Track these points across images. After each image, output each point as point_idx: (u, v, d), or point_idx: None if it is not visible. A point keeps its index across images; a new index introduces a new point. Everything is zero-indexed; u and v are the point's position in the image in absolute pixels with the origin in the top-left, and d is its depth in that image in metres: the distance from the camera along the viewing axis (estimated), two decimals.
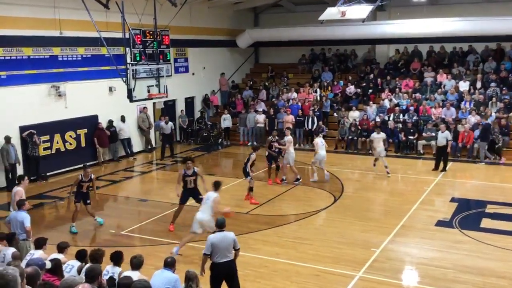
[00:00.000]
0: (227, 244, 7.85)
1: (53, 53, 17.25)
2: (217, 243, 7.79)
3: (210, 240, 7.84)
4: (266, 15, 28.06)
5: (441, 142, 17.19)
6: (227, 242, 7.84)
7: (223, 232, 7.93)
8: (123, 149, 20.05)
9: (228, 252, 7.88)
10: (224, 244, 7.82)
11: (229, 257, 7.89)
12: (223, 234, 7.89)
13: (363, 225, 12.15)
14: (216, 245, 7.79)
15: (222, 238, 7.84)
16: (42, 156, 16.79)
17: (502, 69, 21.88)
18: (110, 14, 16.79)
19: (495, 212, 13.04)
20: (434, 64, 23.61)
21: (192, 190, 11.76)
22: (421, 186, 15.33)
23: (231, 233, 7.99)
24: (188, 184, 11.73)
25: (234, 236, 7.96)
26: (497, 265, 9.84)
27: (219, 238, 7.84)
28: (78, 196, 12.18)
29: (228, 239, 7.87)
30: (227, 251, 7.85)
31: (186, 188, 11.75)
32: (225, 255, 7.84)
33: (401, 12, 23.81)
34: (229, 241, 7.87)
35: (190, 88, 23.97)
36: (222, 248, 7.80)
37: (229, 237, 7.90)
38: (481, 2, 23.18)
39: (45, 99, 17.09)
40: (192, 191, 11.76)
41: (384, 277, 9.40)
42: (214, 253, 7.82)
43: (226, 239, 7.85)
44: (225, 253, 7.84)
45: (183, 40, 22.86)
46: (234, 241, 7.92)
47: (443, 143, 17.10)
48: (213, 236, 7.89)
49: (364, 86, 23.49)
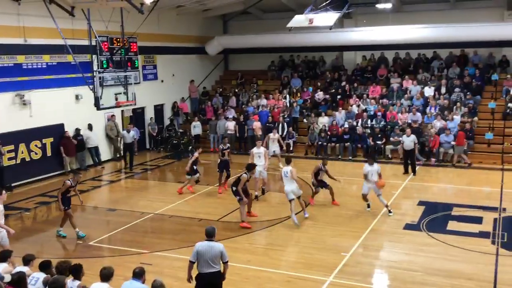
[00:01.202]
0: (213, 255, 7.61)
1: (17, 61, 16.86)
2: (202, 252, 7.59)
3: (196, 247, 7.66)
4: (235, 22, 28.13)
5: (408, 145, 17.59)
6: (213, 253, 7.61)
7: (210, 242, 7.71)
8: (90, 158, 19.72)
9: (214, 263, 7.63)
10: (210, 254, 7.59)
11: (215, 268, 7.64)
12: (209, 244, 7.67)
13: (333, 230, 12.25)
14: (201, 254, 7.59)
15: (208, 247, 7.63)
16: (7, 166, 16.35)
17: (466, 74, 22.45)
18: (76, 21, 16.54)
19: (461, 214, 13.33)
20: (400, 70, 24.07)
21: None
22: (389, 190, 15.50)
23: (219, 244, 7.77)
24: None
25: (222, 247, 7.70)
26: (464, 267, 10.04)
27: (205, 247, 7.63)
28: (67, 202, 11.97)
29: (215, 250, 7.63)
30: (212, 262, 7.61)
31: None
32: (210, 266, 7.61)
33: (367, 20, 24.24)
34: (215, 252, 7.62)
35: (159, 96, 23.79)
36: (207, 258, 7.58)
37: (216, 248, 7.66)
38: (445, 9, 23.79)
39: (10, 107, 16.68)
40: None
41: (355, 281, 9.48)
42: (199, 262, 7.64)
43: (213, 249, 7.62)
44: (210, 264, 7.61)
45: (151, 47, 22.69)
46: (222, 253, 7.66)
47: (410, 147, 17.53)
48: (199, 245, 7.68)
49: (332, 92, 23.76)
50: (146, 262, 10.03)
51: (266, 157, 15.43)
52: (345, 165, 19.58)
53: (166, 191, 16.52)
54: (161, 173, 19.55)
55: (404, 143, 17.89)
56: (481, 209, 13.66)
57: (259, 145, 15.35)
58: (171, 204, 14.62)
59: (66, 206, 11.93)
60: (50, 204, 15.30)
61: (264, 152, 15.28)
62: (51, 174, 18.08)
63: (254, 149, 15.28)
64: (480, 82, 22.12)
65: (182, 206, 14.47)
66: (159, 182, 18.13)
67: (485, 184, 16.60)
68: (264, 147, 15.91)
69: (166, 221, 13.31)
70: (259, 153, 15.05)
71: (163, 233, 12.50)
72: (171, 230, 12.63)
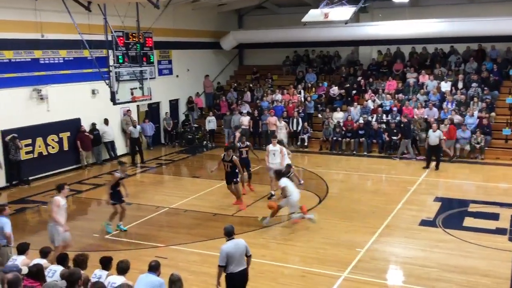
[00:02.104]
0: (241, 252, 7.57)
1: (34, 56, 17.05)
2: (232, 253, 7.48)
3: (224, 250, 7.49)
4: (250, 17, 28.08)
5: (434, 141, 17.49)
6: (240, 250, 7.56)
7: (234, 240, 7.65)
8: (106, 152, 19.89)
9: (242, 260, 7.59)
10: (238, 252, 7.54)
11: (243, 265, 7.61)
12: (235, 242, 7.61)
13: (348, 226, 12.21)
14: (232, 255, 7.48)
15: (235, 246, 7.56)
16: (24, 160, 16.57)
17: (483, 69, 22.15)
18: (92, 16, 16.62)
19: (477, 211, 13.20)
20: (416, 65, 23.83)
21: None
22: (405, 186, 15.44)
23: (242, 240, 7.76)
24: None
25: (245, 242, 7.70)
26: (480, 264, 9.95)
27: (233, 246, 7.55)
28: (117, 196, 11.83)
29: (241, 246, 7.59)
30: (241, 259, 7.57)
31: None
32: (239, 264, 7.55)
33: (383, 14, 24.01)
34: (242, 248, 7.59)
35: (174, 91, 23.88)
36: (237, 257, 7.52)
37: (241, 244, 7.62)
38: (463, 3, 23.46)
39: (27, 102, 16.89)
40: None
41: (369, 277, 9.45)
42: (229, 263, 7.49)
43: (239, 246, 7.58)
44: (240, 261, 7.56)
45: (166, 42, 22.76)
46: (246, 248, 7.66)
47: (436, 142, 17.43)
48: (226, 247, 7.52)
49: (347, 87, 23.63)
50: (161, 255, 10.10)
51: (283, 155, 14.44)
52: (360, 160, 19.48)
53: (181, 185, 16.61)
54: (176, 167, 19.66)
55: (429, 138, 17.77)
56: (497, 205, 13.49)
57: (274, 142, 14.65)
58: (185, 198, 14.70)
59: (116, 200, 11.82)
60: (67, 198, 15.44)
61: (280, 150, 14.56)
62: (67, 168, 18.30)
63: (270, 146, 14.71)
64: (497, 77, 21.81)
65: (197, 201, 14.54)
66: (174, 177, 18.25)
67: (502, 180, 16.41)
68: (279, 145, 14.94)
69: (181, 215, 13.39)
70: (275, 150, 14.43)
71: (178, 227, 12.59)
72: (186, 225, 12.70)
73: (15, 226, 9.64)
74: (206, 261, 10.25)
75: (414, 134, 19.54)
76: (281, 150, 14.52)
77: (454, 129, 18.78)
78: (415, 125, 19.77)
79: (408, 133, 19.24)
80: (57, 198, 10.00)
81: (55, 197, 10.07)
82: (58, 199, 9.98)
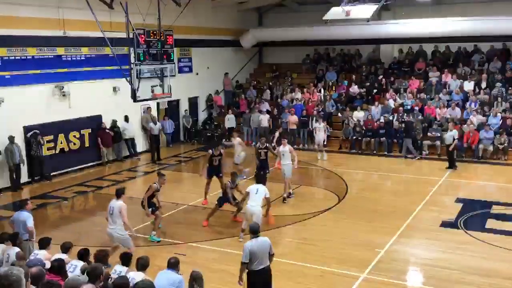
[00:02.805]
0: (264, 250, 7.54)
1: (57, 53, 17.25)
2: (256, 250, 7.48)
3: (247, 247, 7.49)
4: (270, 15, 28.02)
5: (449, 140, 17.49)
6: (264, 248, 7.54)
7: (259, 238, 7.64)
8: (127, 149, 20.05)
9: (266, 258, 7.58)
10: (262, 250, 7.52)
11: (266, 263, 7.60)
12: (260, 240, 7.61)
13: (367, 226, 12.10)
14: (255, 252, 7.48)
15: (260, 244, 7.54)
16: (46, 156, 16.80)
17: (508, 69, 21.75)
18: (114, 14, 16.80)
19: (500, 212, 12.96)
20: (439, 64, 23.51)
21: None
22: (425, 187, 15.25)
23: (266, 238, 7.74)
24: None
25: (269, 241, 7.68)
26: (502, 266, 9.78)
27: (257, 244, 7.53)
28: (153, 206, 11.55)
29: (265, 244, 7.56)
30: (265, 257, 7.56)
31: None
32: (262, 262, 7.54)
33: (406, 12, 23.71)
34: (266, 247, 7.56)
35: (194, 88, 23.96)
36: (260, 255, 7.50)
37: (266, 242, 7.60)
38: (486, 1, 23.02)
39: (49, 99, 17.10)
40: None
41: (389, 278, 9.35)
42: (252, 260, 7.50)
43: (264, 244, 7.55)
44: (263, 259, 7.55)
45: (187, 40, 22.83)
46: (270, 246, 7.64)
47: (451, 142, 17.37)
48: (250, 244, 7.52)
49: (368, 86, 23.41)
50: (180, 252, 10.13)
51: (295, 155, 14.26)
52: (380, 160, 19.30)
53: (200, 183, 16.56)
54: (194, 165, 19.72)
55: (445, 138, 17.78)
56: None
57: (285, 143, 14.45)
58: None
59: (154, 207, 11.51)
60: (87, 194, 15.66)
61: (290, 150, 14.12)
62: (88, 164, 18.49)
63: (280, 147, 14.47)
64: None
65: (215, 199, 14.52)
66: (193, 174, 18.29)
67: None
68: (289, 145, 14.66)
69: (200, 212, 13.41)
70: (284, 151, 14.19)
71: (197, 224, 12.60)
72: None
73: (36, 221, 9.75)
74: (223, 258, 10.27)
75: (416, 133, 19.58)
76: (290, 150, 14.25)
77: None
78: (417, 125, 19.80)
79: (409, 133, 19.31)
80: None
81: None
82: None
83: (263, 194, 10.92)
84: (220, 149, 14.01)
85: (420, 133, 19.71)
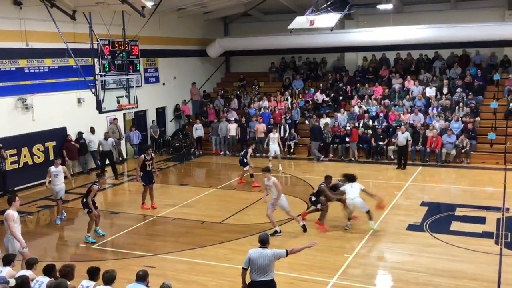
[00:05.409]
0: (264, 263, 7.40)
1: (19, 65, 16.91)
2: (254, 259, 7.43)
3: (248, 254, 7.53)
4: (236, 24, 28.15)
5: (401, 142, 18.36)
6: (265, 260, 7.42)
7: (263, 250, 7.53)
8: (93, 161, 19.73)
9: (266, 271, 7.41)
10: (262, 261, 7.40)
11: (267, 277, 7.42)
12: (260, 251, 7.50)
13: (336, 231, 12.23)
14: (253, 260, 7.42)
15: (259, 255, 7.46)
16: (9, 170, 16.38)
17: (468, 74, 22.41)
18: (78, 25, 16.55)
19: (464, 215, 13.30)
20: (401, 71, 24.06)
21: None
22: (392, 191, 15.52)
23: (269, 250, 7.53)
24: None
25: (272, 252, 7.50)
26: (468, 267, 10.02)
27: (257, 254, 7.48)
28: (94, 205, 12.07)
29: (266, 257, 7.43)
30: (264, 270, 7.40)
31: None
32: (261, 274, 7.40)
33: (368, 21, 24.24)
34: (268, 259, 7.43)
35: (161, 98, 23.82)
36: (260, 265, 7.40)
37: (267, 255, 7.45)
38: (446, 9, 23.78)
39: (12, 111, 16.71)
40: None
41: (358, 283, 9.47)
42: (251, 270, 7.46)
43: (263, 256, 7.43)
44: (265, 271, 7.41)
45: (153, 50, 22.72)
46: (274, 255, 7.49)
47: (403, 143, 18.31)
48: (252, 251, 7.54)
49: (334, 93, 23.75)
50: (149, 264, 10.04)
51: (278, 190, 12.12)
52: (347, 166, 19.53)
53: (169, 193, 16.53)
54: (163, 176, 19.52)
55: (398, 139, 18.72)
56: (484, 209, 13.64)
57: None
58: (173, 206, 14.62)
59: (90, 208, 11.85)
60: (53, 208, 15.31)
61: (274, 183, 12.10)
62: None
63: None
64: (482, 82, 22.10)
65: (185, 209, 14.47)
66: (161, 185, 18.09)
67: (488, 184, 16.56)
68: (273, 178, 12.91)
69: (169, 223, 13.32)
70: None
71: (166, 235, 12.50)
72: (174, 233, 12.63)
73: (0, 237, 9.49)
74: (194, 269, 10.20)
75: (324, 137, 20.73)
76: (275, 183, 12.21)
77: (356, 131, 20.36)
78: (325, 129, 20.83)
79: (315, 137, 20.53)
80: (9, 212, 9.35)
81: (7, 211, 9.40)
82: (10, 213, 9.34)
83: (358, 188, 12.17)
84: (150, 153, 14.44)
85: (328, 137, 20.66)
